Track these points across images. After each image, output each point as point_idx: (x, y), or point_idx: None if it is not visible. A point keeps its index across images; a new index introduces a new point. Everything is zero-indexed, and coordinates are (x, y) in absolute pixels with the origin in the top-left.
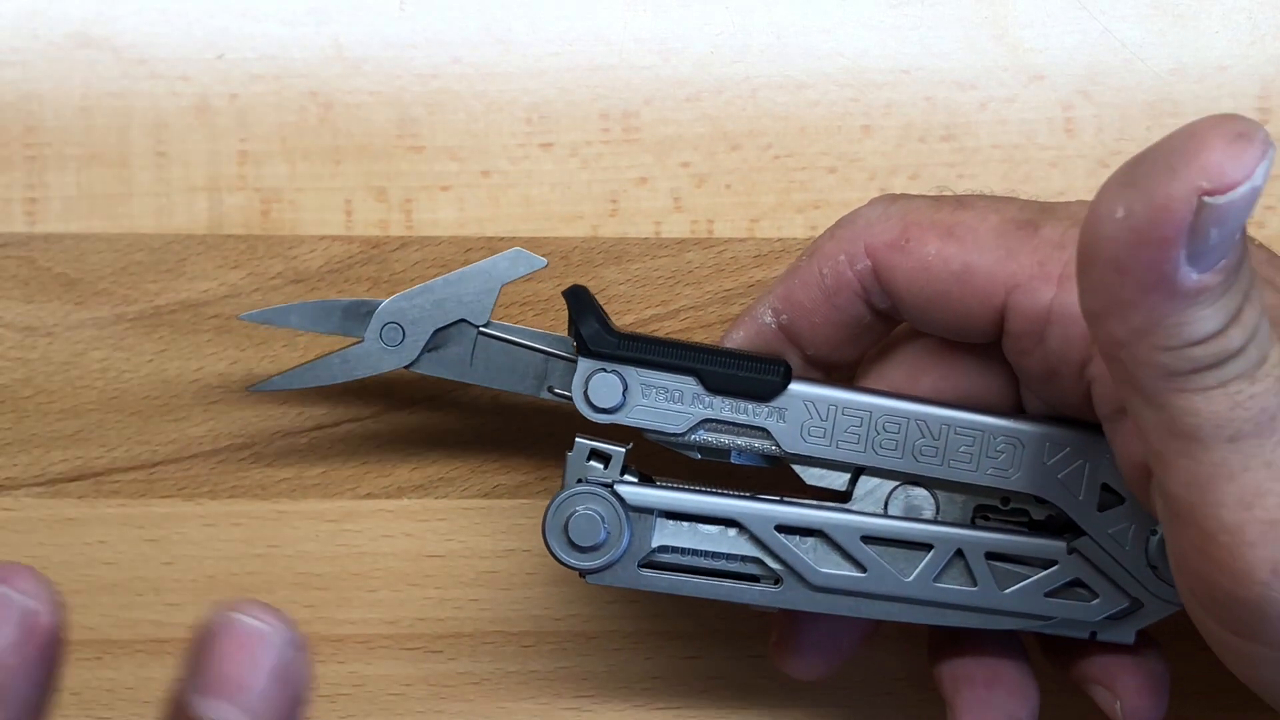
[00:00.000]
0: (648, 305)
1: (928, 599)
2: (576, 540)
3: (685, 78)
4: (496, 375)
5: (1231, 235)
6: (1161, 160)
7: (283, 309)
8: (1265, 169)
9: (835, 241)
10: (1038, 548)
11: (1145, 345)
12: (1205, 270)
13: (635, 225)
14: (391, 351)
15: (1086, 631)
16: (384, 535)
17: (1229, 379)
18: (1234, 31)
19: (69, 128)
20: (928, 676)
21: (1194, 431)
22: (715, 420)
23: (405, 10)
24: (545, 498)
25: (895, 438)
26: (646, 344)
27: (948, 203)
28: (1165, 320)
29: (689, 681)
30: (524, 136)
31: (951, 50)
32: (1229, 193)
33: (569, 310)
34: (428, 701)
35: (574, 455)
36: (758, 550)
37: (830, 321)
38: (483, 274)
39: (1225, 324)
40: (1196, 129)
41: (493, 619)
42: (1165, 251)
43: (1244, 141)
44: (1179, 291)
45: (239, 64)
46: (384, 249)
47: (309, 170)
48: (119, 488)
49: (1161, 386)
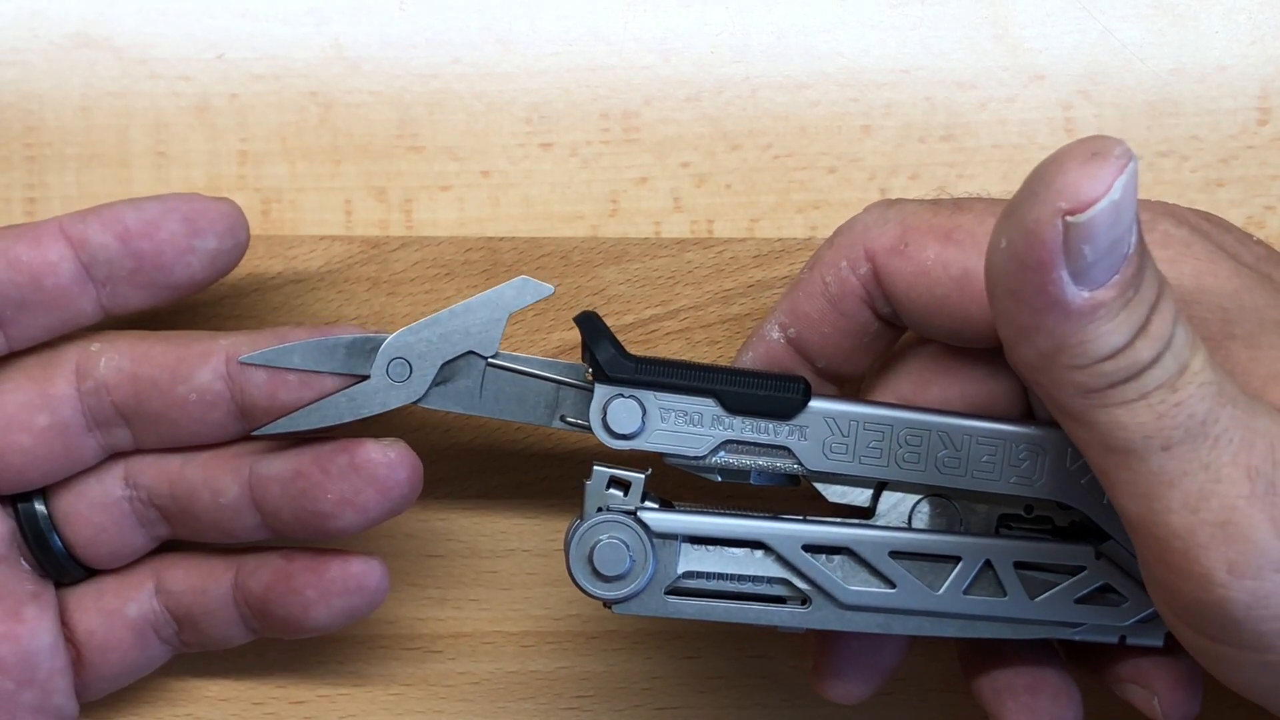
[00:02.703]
0: (648, 305)
1: (958, 612)
2: (602, 570)
3: (685, 78)
4: (506, 406)
5: (1112, 250)
6: (1029, 189)
7: (285, 349)
8: (1125, 182)
9: (835, 249)
10: (1066, 553)
11: (1057, 366)
12: (1095, 287)
13: (635, 225)
14: (399, 387)
15: (1116, 636)
16: (385, 535)
17: (1149, 390)
18: (1234, 31)
19: (69, 128)
20: (926, 675)
21: (1126, 444)
22: (736, 441)
23: (405, 10)
24: (545, 498)
25: (917, 450)
26: (664, 367)
27: (946, 206)
28: (1068, 340)
29: (689, 681)
30: (524, 136)
31: (951, 50)
32: (1089, 209)
33: (582, 336)
34: (428, 701)
35: (593, 484)
36: (785, 571)
37: (839, 330)
38: (489, 304)
39: (1131, 337)
40: (1058, 154)
41: (493, 619)
42: (1046, 274)
43: (1099, 159)
44: (1072, 311)
45: (239, 64)
46: (384, 249)
47: (309, 170)
48: None
49: (1083, 404)
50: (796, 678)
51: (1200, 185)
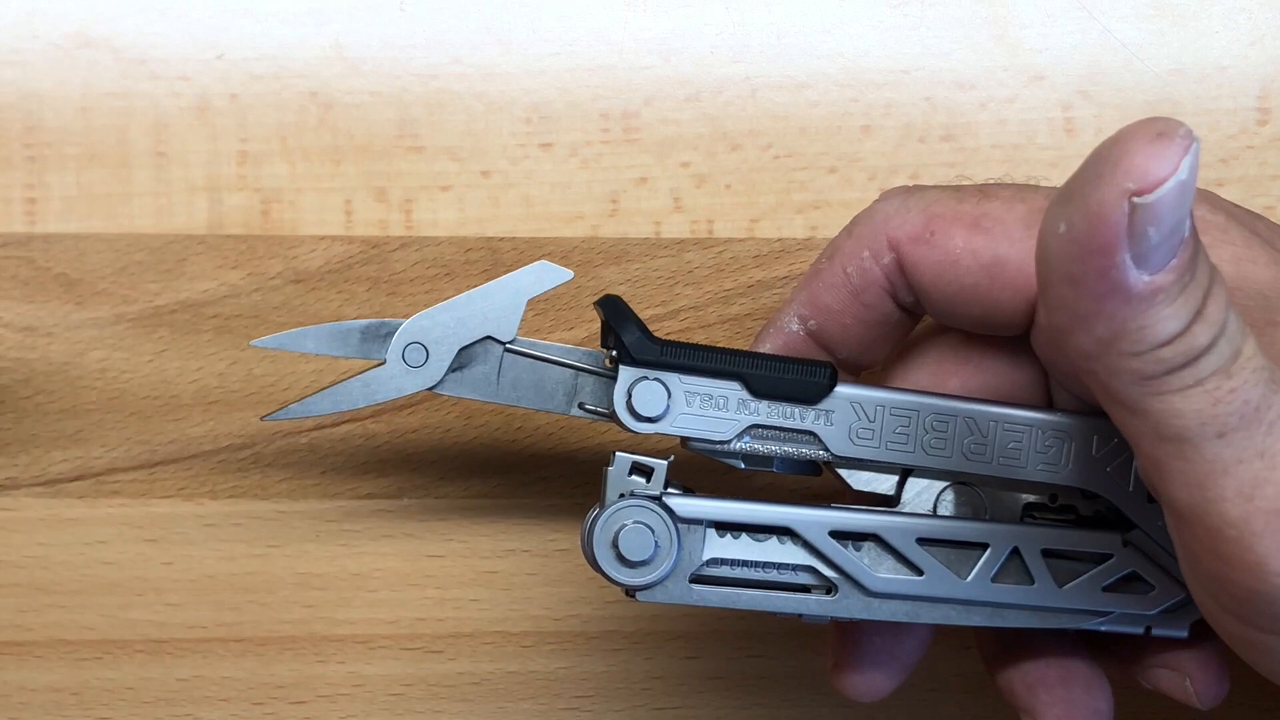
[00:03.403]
0: (648, 305)
1: (986, 599)
2: (627, 555)
3: (685, 78)
4: (525, 394)
5: (1174, 233)
6: (1091, 171)
7: (298, 333)
8: (1191, 163)
9: (856, 239)
10: (1094, 540)
11: (1114, 354)
12: (1155, 271)
13: (635, 225)
14: (415, 373)
15: (1142, 626)
16: (384, 535)
17: (1205, 376)
18: (1234, 31)
19: (69, 128)
20: (922, 674)
21: (1181, 432)
22: (761, 426)
23: (405, 10)
24: (545, 498)
25: (943, 437)
26: (690, 350)
27: (971, 193)
28: (1127, 326)
29: (689, 681)
30: (524, 136)
31: (951, 50)
32: (1156, 190)
33: (605, 319)
34: (428, 701)
35: (614, 470)
36: (812, 558)
37: (861, 321)
38: (507, 288)
39: (1189, 322)
40: (1120, 135)
41: (493, 619)
42: (1109, 258)
43: (1164, 140)
44: (1133, 295)
45: (239, 64)
46: (384, 249)
47: (309, 170)
48: (119, 488)
49: (1139, 392)
50: (797, 678)
51: (1200, 185)
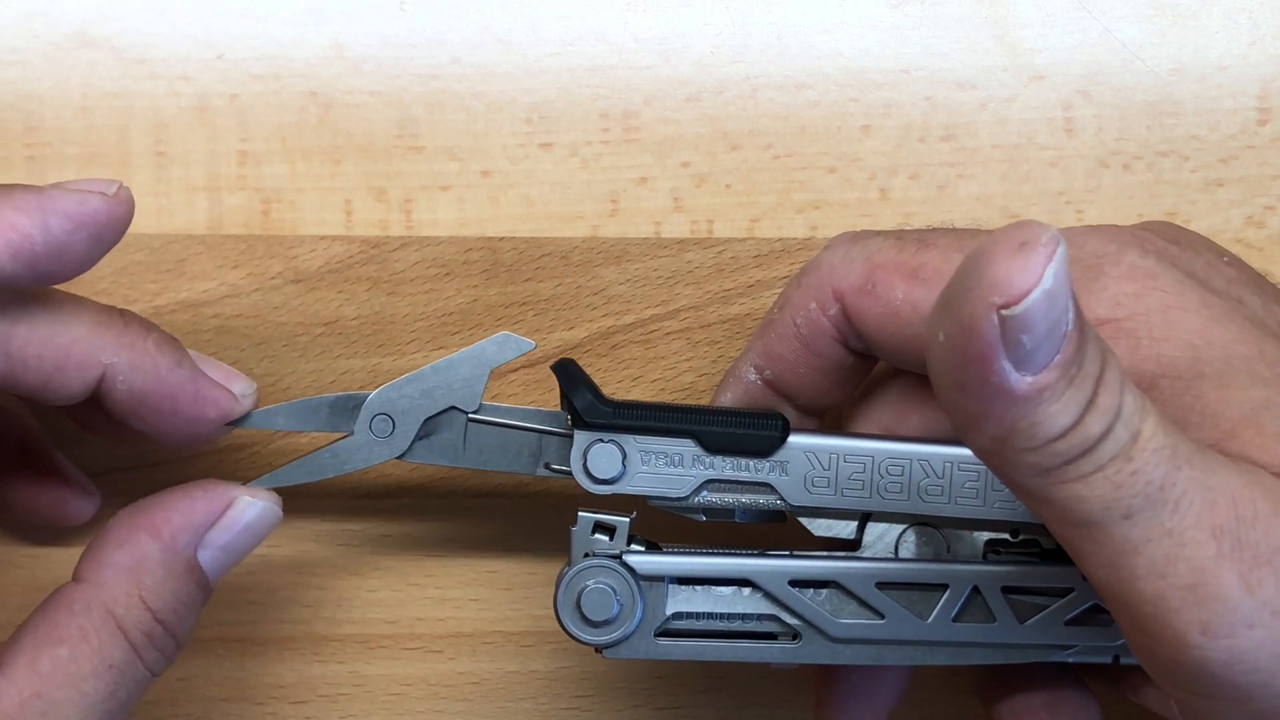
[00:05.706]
0: (648, 305)
1: (948, 639)
2: (590, 615)
3: (685, 78)
4: (491, 458)
5: (1050, 334)
6: (960, 282)
7: (268, 411)
8: (1056, 269)
9: (803, 290)
10: (1055, 575)
11: (1009, 450)
12: (1038, 370)
13: (635, 225)
14: (382, 443)
15: (1109, 656)
16: (384, 535)
17: (1104, 463)
18: (1234, 31)
19: (69, 128)
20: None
21: (1087, 517)
22: (718, 480)
23: (405, 10)
24: (546, 498)
25: (900, 480)
26: (641, 410)
27: (910, 242)
28: (1017, 425)
29: (689, 681)
30: (524, 136)
31: (951, 50)
32: (1022, 301)
33: (560, 385)
34: (428, 701)
35: (578, 530)
36: (773, 607)
37: (814, 369)
38: (470, 360)
39: (1079, 414)
40: (984, 245)
41: (493, 619)
42: (987, 365)
43: (1027, 249)
44: (1018, 397)
45: (239, 64)
46: (384, 249)
47: (309, 170)
48: (119, 488)
49: (1040, 484)
50: (796, 678)
51: (1200, 185)
